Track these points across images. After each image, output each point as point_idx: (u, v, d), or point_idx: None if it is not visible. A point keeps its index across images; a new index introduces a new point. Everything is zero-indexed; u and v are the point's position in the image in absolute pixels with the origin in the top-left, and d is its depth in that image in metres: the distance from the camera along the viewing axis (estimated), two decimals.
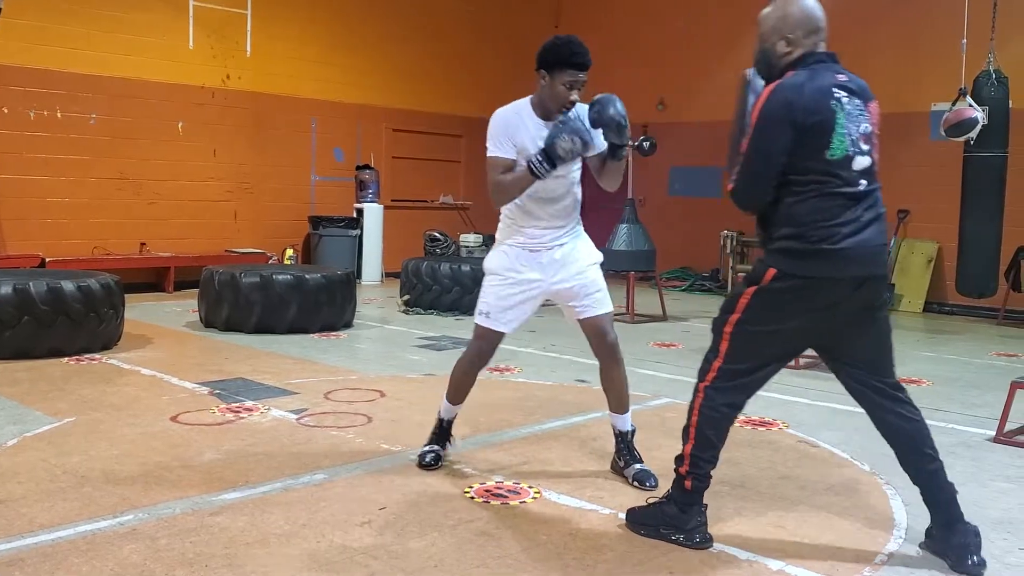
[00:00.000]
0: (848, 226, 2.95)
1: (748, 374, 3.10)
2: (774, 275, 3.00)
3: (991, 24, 8.41)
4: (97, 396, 5.22)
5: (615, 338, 3.84)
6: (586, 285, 3.79)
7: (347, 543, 3.11)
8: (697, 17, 12.96)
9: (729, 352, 3.09)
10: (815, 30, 3.09)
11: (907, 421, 3.11)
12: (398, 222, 12.57)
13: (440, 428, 4.08)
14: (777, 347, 3.09)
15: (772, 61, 3.13)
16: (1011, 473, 4.19)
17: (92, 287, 6.52)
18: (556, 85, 3.58)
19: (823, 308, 3.00)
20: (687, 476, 3.16)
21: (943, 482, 3.10)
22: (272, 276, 7.72)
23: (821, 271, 2.95)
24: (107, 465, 3.91)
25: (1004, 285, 9.45)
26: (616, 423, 3.95)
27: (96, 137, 10.10)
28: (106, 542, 3.07)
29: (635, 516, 3.31)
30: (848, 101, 2.98)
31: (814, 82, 2.97)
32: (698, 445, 3.14)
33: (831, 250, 2.93)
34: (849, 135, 2.96)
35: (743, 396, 3.14)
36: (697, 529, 3.16)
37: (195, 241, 10.93)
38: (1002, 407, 4.83)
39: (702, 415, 3.13)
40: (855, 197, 2.97)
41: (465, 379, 4.01)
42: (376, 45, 12.51)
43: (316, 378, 5.87)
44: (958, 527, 3.06)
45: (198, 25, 10.79)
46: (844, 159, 2.95)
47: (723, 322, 3.11)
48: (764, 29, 3.17)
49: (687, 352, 7.28)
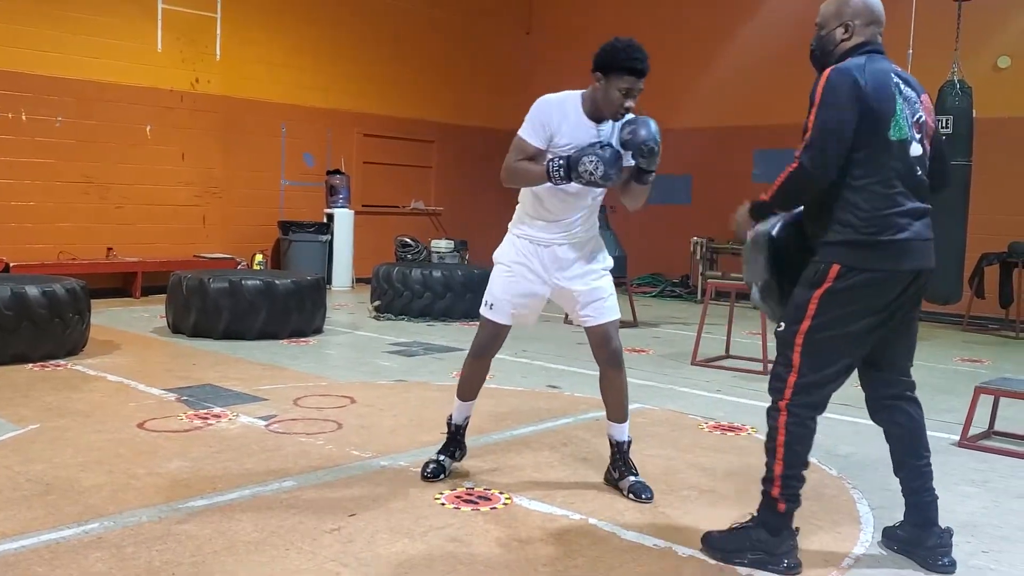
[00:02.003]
0: (905, 217, 2.93)
1: (825, 384, 3.00)
2: (838, 272, 2.92)
3: (955, 34, 8.54)
4: (62, 403, 5.15)
5: (618, 345, 3.78)
6: (594, 291, 3.72)
7: (316, 550, 3.09)
8: (670, 27, 13.04)
9: (804, 365, 2.97)
10: (874, 20, 3.09)
11: (912, 423, 3.15)
12: (369, 227, 12.52)
13: (450, 433, 4.01)
14: (850, 351, 2.99)
15: (828, 48, 3.11)
16: (975, 477, 4.25)
17: (57, 292, 6.43)
18: (611, 90, 3.48)
19: (887, 304, 2.95)
20: (780, 499, 3.02)
21: (929, 484, 3.15)
22: (241, 281, 7.66)
23: (886, 264, 2.91)
24: (72, 473, 3.85)
25: (968, 292, 9.59)
26: (613, 433, 3.88)
27: (62, 140, 9.97)
28: (71, 551, 3.02)
29: (715, 543, 3.15)
30: (904, 88, 2.99)
31: (874, 64, 2.96)
32: (789, 464, 3.00)
33: (892, 241, 2.90)
34: (907, 120, 2.95)
35: (823, 406, 3.05)
36: (788, 553, 3.03)
37: (163, 246, 10.83)
38: (966, 412, 4.90)
39: (789, 434, 2.99)
40: (912, 186, 2.96)
41: (472, 372, 3.93)
42: (347, 50, 12.47)
43: (285, 384, 5.83)
44: (933, 529, 3.12)
45: (167, 28, 10.70)
46: (902, 142, 2.93)
47: (792, 333, 3.00)
48: (824, 15, 3.14)
49: (657, 358, 7.32)
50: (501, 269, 3.81)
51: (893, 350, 3.12)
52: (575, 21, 14.29)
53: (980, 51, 10.00)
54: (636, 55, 3.46)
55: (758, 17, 11.94)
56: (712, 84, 12.37)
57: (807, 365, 2.97)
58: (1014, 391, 4.90)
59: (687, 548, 3.20)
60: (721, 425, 5.07)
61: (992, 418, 5.07)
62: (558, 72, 14.54)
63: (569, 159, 3.41)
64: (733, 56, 12.02)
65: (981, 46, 10.00)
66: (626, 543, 3.26)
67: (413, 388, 5.89)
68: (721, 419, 5.22)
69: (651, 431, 4.91)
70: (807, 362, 2.97)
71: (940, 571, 3.08)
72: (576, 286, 3.72)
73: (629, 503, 3.68)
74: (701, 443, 4.70)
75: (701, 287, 11.89)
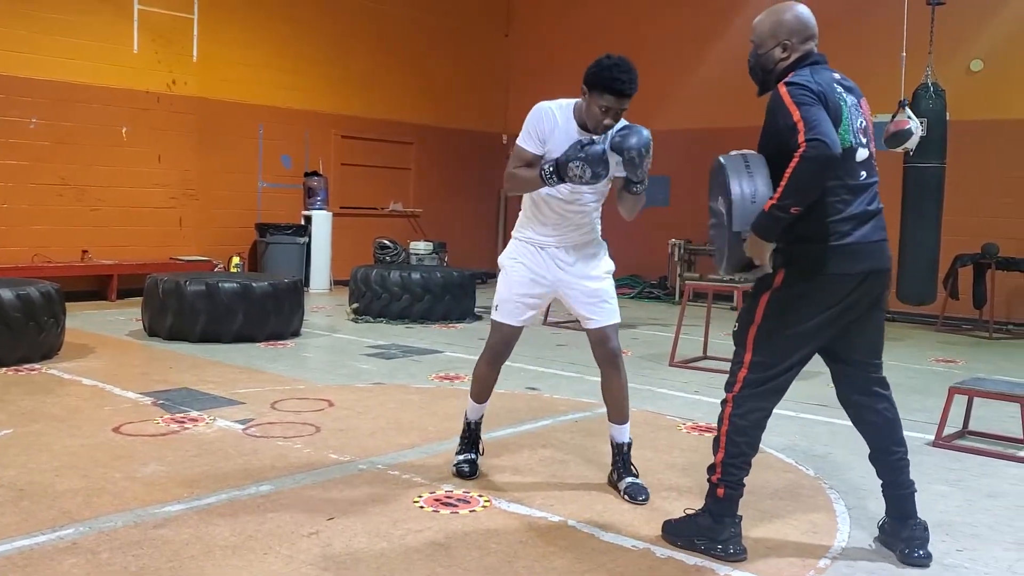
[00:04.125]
0: (851, 221, 3.02)
1: (773, 379, 3.13)
2: (784, 277, 3.07)
3: (929, 38, 8.63)
4: (36, 407, 5.10)
5: (617, 347, 3.86)
6: (596, 292, 3.81)
7: (294, 554, 3.07)
8: (648, 29, 13.10)
9: (754, 361, 3.12)
10: (810, 36, 3.17)
11: (886, 417, 3.22)
12: (347, 230, 12.48)
13: (468, 431, 4.08)
14: (798, 349, 3.12)
15: (768, 66, 3.19)
16: (950, 477, 4.29)
17: (32, 295, 6.37)
18: (592, 105, 3.52)
19: (834, 305, 3.06)
20: (719, 484, 3.16)
21: (906, 478, 3.22)
22: (218, 284, 7.62)
23: (830, 268, 3.01)
24: (46, 478, 3.82)
25: (943, 293, 9.69)
26: (614, 434, 3.92)
27: (36, 142, 9.88)
28: (45, 557, 2.99)
29: (670, 528, 3.31)
30: (847, 96, 3.09)
31: (818, 76, 3.04)
32: (729, 453, 3.14)
33: (838, 246, 3.00)
34: (852, 126, 3.05)
35: (770, 403, 3.17)
36: (731, 540, 3.15)
37: (139, 248, 10.75)
38: (941, 412, 4.95)
39: (732, 424, 3.14)
40: (855, 190, 3.05)
41: (484, 376, 4.02)
42: (325, 51, 12.43)
43: (263, 388, 5.80)
44: (909, 522, 3.19)
45: (143, 29, 10.63)
46: (849, 149, 3.01)
47: (745, 332, 3.15)
48: (758, 35, 3.21)
49: (636, 359, 7.34)
50: (505, 271, 3.90)
51: (855, 347, 3.20)
52: (553, 24, 14.32)
53: (953, 55, 10.11)
54: (619, 75, 3.46)
55: (736, 20, 11.99)
56: (690, 86, 12.43)
57: (757, 362, 3.12)
58: (988, 391, 4.96)
59: (665, 549, 3.22)
60: (699, 426, 5.09)
61: (966, 418, 5.12)
62: (536, 75, 14.64)
63: (557, 162, 3.48)
64: (711, 59, 12.07)
65: (954, 50, 10.11)
66: (605, 544, 3.27)
67: (391, 391, 5.87)
68: (699, 420, 5.24)
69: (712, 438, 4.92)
70: (757, 359, 3.12)
71: (914, 563, 3.14)
72: (577, 287, 3.81)
73: (608, 504, 3.69)
74: (679, 444, 4.72)
75: (679, 288, 11.94)
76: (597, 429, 4.97)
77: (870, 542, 3.36)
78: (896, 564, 3.17)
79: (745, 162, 3.06)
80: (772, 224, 2.94)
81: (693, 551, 3.18)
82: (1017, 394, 4.80)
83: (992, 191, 10.31)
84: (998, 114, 10.26)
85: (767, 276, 3.10)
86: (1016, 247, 9.82)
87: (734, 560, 3.12)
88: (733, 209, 3.01)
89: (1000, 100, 10.30)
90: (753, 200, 2.98)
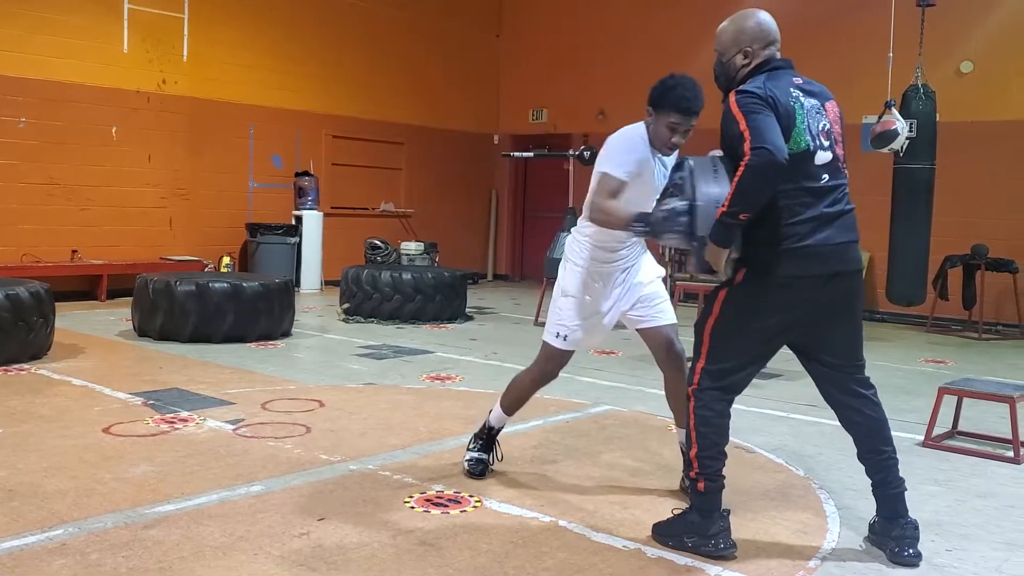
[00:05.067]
0: (809, 223, 3.03)
1: (731, 373, 3.17)
2: (744, 275, 3.10)
3: (919, 40, 8.67)
4: (25, 407, 5.08)
5: (681, 349, 3.80)
6: (650, 296, 3.79)
7: (285, 555, 3.07)
8: (637, 28, 13.12)
9: (710, 354, 3.17)
10: (771, 42, 3.21)
11: (871, 417, 3.23)
12: (338, 230, 12.46)
13: (488, 435, 4.07)
14: (756, 346, 3.17)
15: (731, 73, 3.25)
16: (939, 477, 4.31)
17: (21, 295, 6.34)
18: (660, 126, 3.51)
19: (795, 306, 3.09)
20: (699, 478, 3.19)
21: (894, 476, 3.23)
22: (208, 284, 7.60)
23: (786, 271, 3.04)
24: (36, 479, 3.80)
25: (932, 294, 9.73)
26: (683, 440, 3.81)
27: (25, 141, 9.83)
28: (34, 558, 2.98)
29: (660, 528, 3.32)
30: (805, 99, 3.09)
31: (773, 82, 3.08)
32: (700, 446, 3.17)
33: (794, 249, 3.02)
34: (809, 130, 3.05)
35: (730, 395, 3.20)
36: (720, 535, 3.16)
37: (129, 248, 10.71)
38: (930, 412, 4.97)
39: (697, 417, 3.18)
40: (817, 192, 3.05)
41: (527, 396, 4.01)
42: (316, 51, 12.41)
43: (253, 388, 5.79)
44: (900, 521, 3.21)
45: (133, 28, 10.60)
46: (805, 152, 3.03)
47: (702, 325, 3.20)
48: (721, 43, 3.26)
49: (626, 359, 7.35)
50: (572, 301, 3.78)
51: (830, 349, 3.21)
52: (545, 25, 14.33)
53: (943, 57, 10.15)
54: (685, 94, 3.48)
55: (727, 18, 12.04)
56: None
57: (712, 355, 3.17)
58: (977, 392, 4.98)
59: (656, 549, 3.22)
60: None
61: (955, 418, 5.14)
62: (527, 75, 14.66)
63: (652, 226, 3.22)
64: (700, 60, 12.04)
65: (944, 52, 10.15)
66: (596, 544, 3.27)
67: (383, 391, 5.87)
68: None
69: (620, 432, 4.94)
70: (713, 352, 3.17)
71: (904, 562, 3.15)
72: (636, 294, 3.78)
73: (598, 505, 3.70)
74: (670, 444, 4.73)
75: (670, 289, 11.94)
76: (588, 429, 4.98)
77: (860, 542, 3.37)
78: (886, 564, 3.18)
79: (713, 166, 3.09)
80: (725, 231, 2.97)
81: (684, 550, 3.18)
82: (1006, 394, 4.82)
83: (982, 192, 10.35)
84: (988, 116, 10.31)
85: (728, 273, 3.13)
86: (1005, 248, 9.86)
87: (724, 554, 3.13)
88: (697, 213, 3.01)
89: (990, 102, 10.35)
90: (718, 204, 2.99)
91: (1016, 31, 10.33)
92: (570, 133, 13.71)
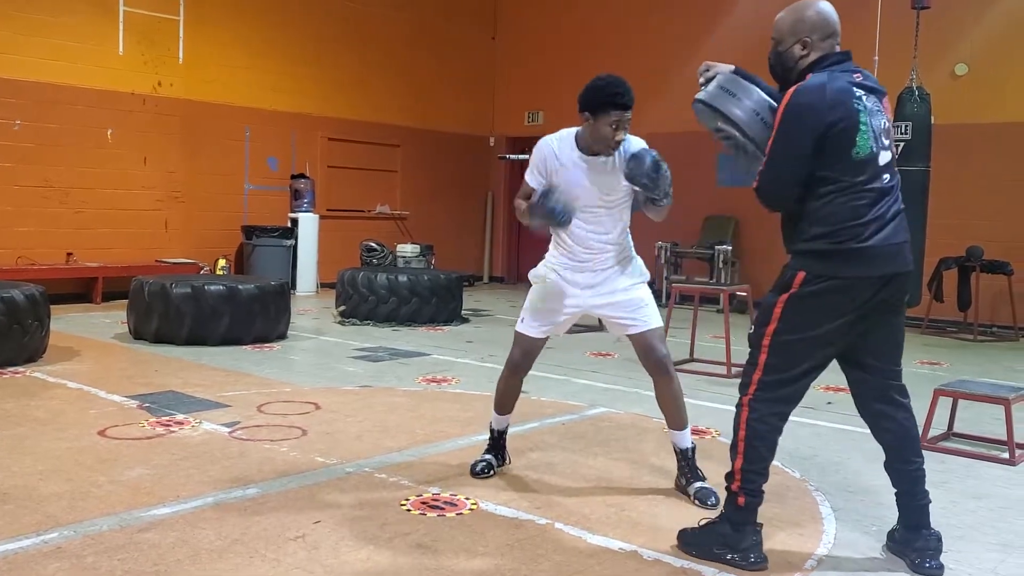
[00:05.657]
0: (874, 224, 2.96)
1: (790, 384, 3.07)
2: (803, 279, 3.00)
3: (914, 42, 8.68)
4: (21, 410, 5.07)
5: (666, 353, 3.82)
6: (632, 301, 3.80)
7: (281, 558, 3.06)
8: (634, 31, 13.14)
9: (768, 363, 3.06)
10: (831, 34, 3.11)
11: (904, 427, 3.17)
12: (334, 232, 12.46)
13: (492, 439, 4.15)
14: (815, 353, 3.06)
15: (788, 64, 3.14)
16: (934, 478, 4.29)
17: (16, 298, 6.33)
18: (601, 127, 3.60)
19: (854, 309, 3.00)
20: (739, 492, 3.09)
21: (921, 488, 3.17)
22: (204, 287, 7.59)
23: (850, 271, 2.96)
24: (31, 481, 3.79)
25: (928, 296, 9.75)
26: (675, 440, 3.91)
27: (20, 144, 9.82)
28: (29, 561, 2.97)
29: (687, 538, 3.23)
30: (867, 98, 3.01)
31: (834, 84, 2.97)
32: (748, 459, 3.07)
33: (858, 248, 2.95)
34: (872, 132, 2.97)
35: (787, 406, 3.10)
36: (752, 548, 3.08)
37: (124, 251, 10.69)
38: (925, 414, 4.97)
39: (749, 428, 3.07)
40: (881, 192, 2.99)
41: (506, 387, 4.08)
42: (312, 53, 12.41)
43: (249, 391, 5.78)
44: (923, 532, 3.15)
45: (128, 30, 10.59)
46: (870, 156, 2.97)
47: (760, 335, 3.09)
48: (779, 32, 3.16)
49: (622, 361, 7.35)
50: (534, 286, 3.94)
51: (874, 352, 3.15)
52: (540, 26, 14.34)
53: (938, 59, 10.18)
54: (617, 89, 3.60)
55: (723, 23, 12.06)
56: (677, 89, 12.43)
57: (772, 365, 3.06)
58: (972, 393, 4.99)
59: (652, 551, 3.22)
60: None
61: (951, 420, 5.15)
62: (523, 77, 14.67)
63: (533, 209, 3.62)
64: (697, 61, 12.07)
65: (939, 54, 10.18)
66: (592, 547, 3.27)
67: (378, 394, 5.86)
68: None
69: (616, 435, 4.94)
70: (772, 362, 3.06)
71: (926, 573, 3.10)
72: (615, 297, 3.81)
73: (595, 507, 3.70)
74: (665, 446, 4.73)
75: (666, 291, 11.95)
76: (584, 432, 4.98)
77: (857, 544, 3.38)
78: (884, 565, 3.19)
79: (727, 91, 3.13)
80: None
81: (712, 561, 3.11)
82: (1001, 396, 4.83)
83: (977, 195, 10.38)
84: (983, 118, 10.34)
85: (785, 278, 3.04)
86: (1001, 250, 9.89)
87: (757, 568, 3.05)
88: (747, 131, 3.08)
89: (985, 104, 10.38)
90: (757, 113, 3.05)
91: (1011, 33, 10.37)
92: None
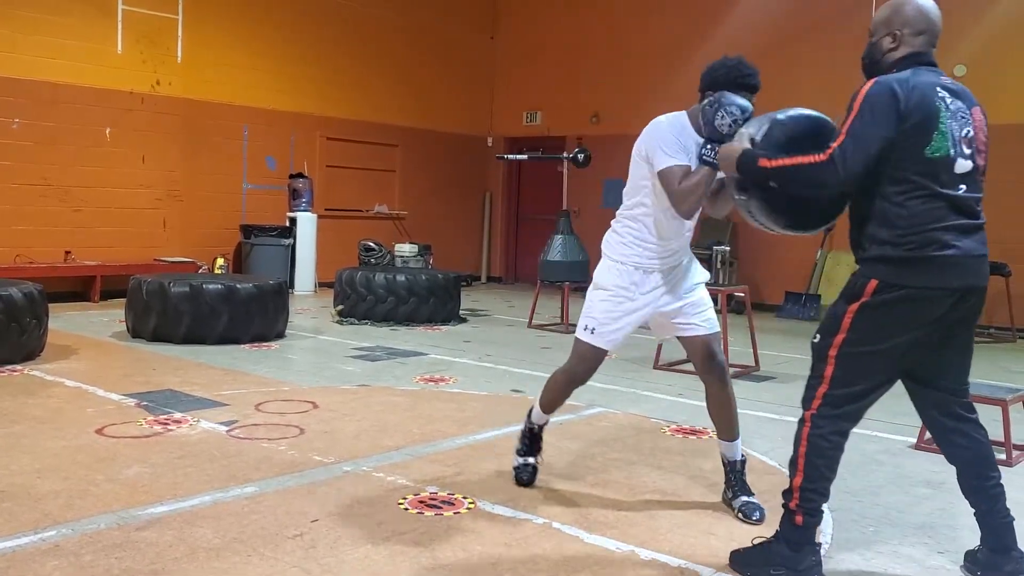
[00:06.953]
0: (950, 232, 2.78)
1: (856, 399, 2.89)
2: (876, 287, 2.81)
3: None
4: (18, 408, 5.07)
5: (723, 359, 3.67)
6: (695, 303, 3.62)
7: (278, 556, 3.07)
8: (632, 32, 13.15)
9: (835, 377, 2.88)
10: (924, 30, 2.99)
11: (977, 442, 3.02)
12: (332, 231, 12.46)
13: (531, 435, 3.98)
14: (885, 367, 2.88)
15: (876, 57, 3.02)
16: (931, 479, 4.32)
17: (14, 296, 6.33)
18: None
19: (928, 322, 2.82)
20: (797, 511, 2.92)
21: (1002, 507, 2.99)
22: (202, 286, 7.59)
23: (926, 281, 2.78)
24: (28, 480, 3.79)
25: None
26: (726, 452, 3.75)
27: (19, 142, 9.82)
28: (27, 559, 2.98)
29: (740, 558, 3.08)
30: (952, 102, 2.88)
31: (918, 78, 2.86)
32: (808, 477, 2.91)
33: (934, 257, 2.77)
34: (952, 135, 2.82)
35: (851, 423, 2.93)
36: (811, 569, 2.91)
37: (122, 249, 10.69)
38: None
39: (811, 445, 2.90)
40: (955, 202, 2.81)
41: (563, 395, 3.86)
42: (310, 53, 12.41)
43: (247, 389, 5.78)
44: (1012, 554, 2.98)
45: (127, 29, 10.58)
46: (945, 159, 2.80)
47: (826, 345, 2.90)
48: (875, 22, 3.05)
49: (620, 361, 7.35)
50: (603, 293, 3.64)
51: (945, 370, 3.00)
52: (539, 27, 14.35)
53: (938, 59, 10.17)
54: (749, 71, 3.36)
55: (721, 23, 12.07)
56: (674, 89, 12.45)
57: (838, 378, 2.88)
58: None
59: (649, 551, 3.23)
60: (683, 428, 5.11)
61: None
62: (522, 78, 14.68)
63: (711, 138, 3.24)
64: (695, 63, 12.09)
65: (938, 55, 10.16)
66: (589, 547, 3.27)
67: (376, 393, 5.87)
68: (683, 423, 5.26)
69: (614, 435, 4.94)
70: (839, 376, 2.88)
71: None
72: (680, 301, 3.62)
73: (592, 506, 3.70)
74: (663, 446, 4.74)
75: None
76: (582, 432, 4.98)
77: (855, 544, 3.38)
78: (881, 566, 3.19)
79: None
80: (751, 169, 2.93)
81: None
82: (998, 397, 4.84)
83: None
84: None
85: (856, 286, 2.85)
86: (998, 252, 9.77)
87: None
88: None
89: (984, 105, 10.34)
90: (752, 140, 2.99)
91: (1009, 35, 10.39)
92: (564, 136, 13.72)
